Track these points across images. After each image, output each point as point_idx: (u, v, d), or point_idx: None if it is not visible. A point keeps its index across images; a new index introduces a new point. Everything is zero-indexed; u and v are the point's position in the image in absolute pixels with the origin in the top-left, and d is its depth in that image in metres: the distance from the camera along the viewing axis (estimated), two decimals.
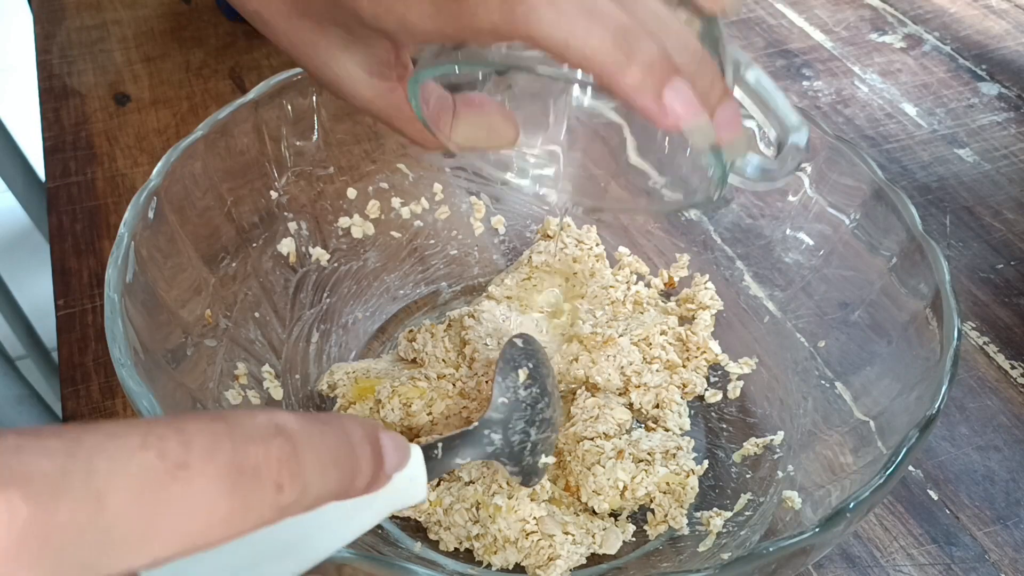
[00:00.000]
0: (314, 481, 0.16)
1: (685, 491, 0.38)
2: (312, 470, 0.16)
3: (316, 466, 0.17)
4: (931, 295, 0.36)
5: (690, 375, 0.43)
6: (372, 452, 0.18)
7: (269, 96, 0.43)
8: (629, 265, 0.48)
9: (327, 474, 0.17)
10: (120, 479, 0.14)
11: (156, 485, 0.14)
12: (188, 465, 0.14)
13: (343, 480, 0.17)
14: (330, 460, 0.17)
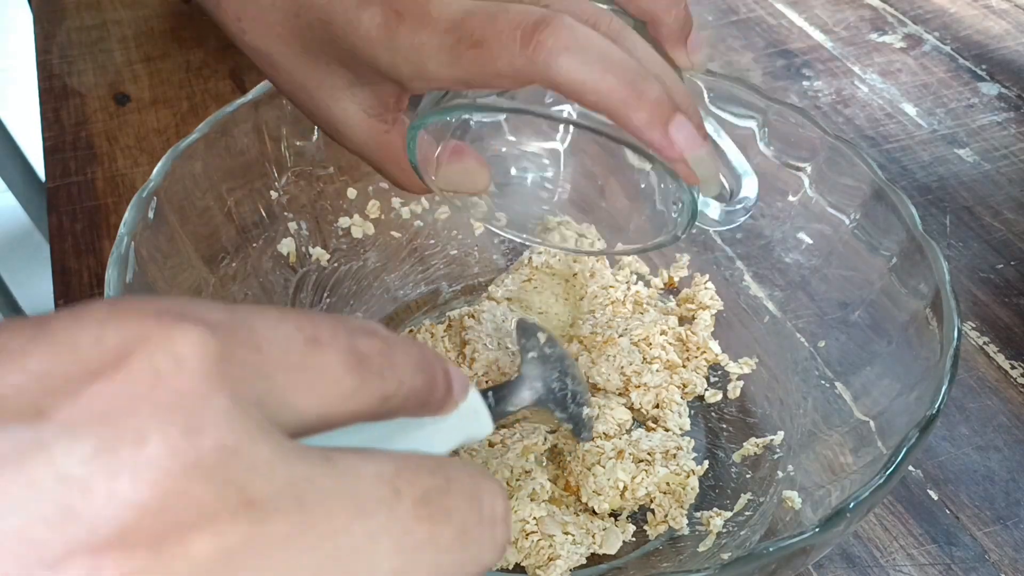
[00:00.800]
0: (406, 379, 0.18)
1: (685, 491, 0.39)
2: (404, 369, 0.17)
3: (407, 366, 0.18)
4: (931, 295, 0.36)
5: (690, 375, 0.44)
6: (443, 370, 0.19)
7: (269, 96, 0.43)
8: (629, 265, 0.48)
9: (415, 376, 0.18)
10: (271, 335, 0.15)
11: (297, 349, 0.15)
12: (318, 340, 0.16)
13: (426, 387, 0.18)
14: (415, 365, 0.18)
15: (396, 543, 0.15)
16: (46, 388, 0.13)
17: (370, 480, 0.15)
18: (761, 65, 0.66)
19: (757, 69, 0.65)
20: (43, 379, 0.13)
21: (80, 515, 0.12)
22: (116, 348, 0.13)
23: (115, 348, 0.13)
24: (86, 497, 0.12)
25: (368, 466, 0.15)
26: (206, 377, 0.14)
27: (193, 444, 0.13)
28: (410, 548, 0.15)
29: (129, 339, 0.14)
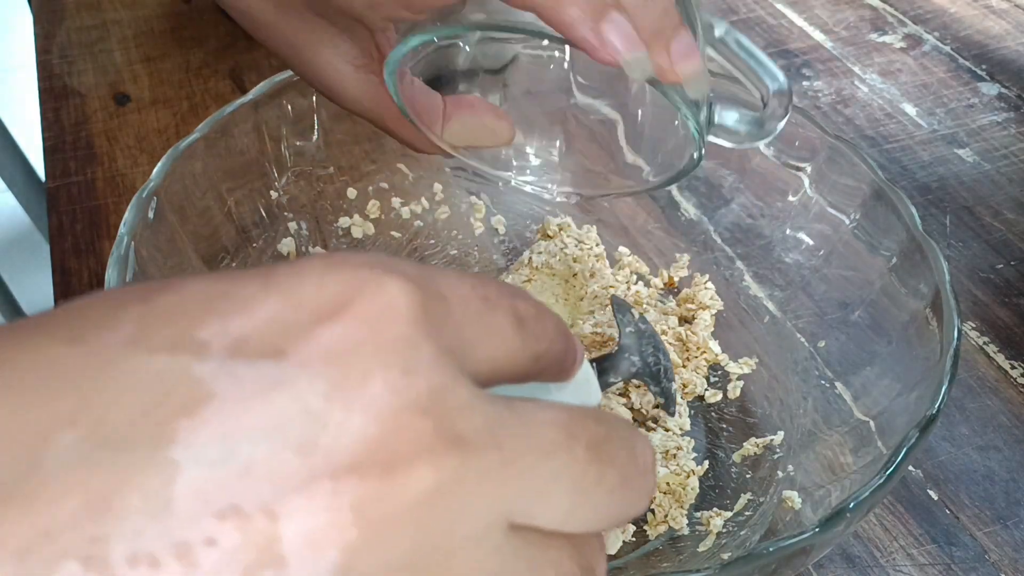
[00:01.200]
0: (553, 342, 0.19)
1: (685, 491, 0.39)
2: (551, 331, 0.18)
3: (553, 330, 0.19)
4: (931, 295, 0.36)
5: (690, 375, 0.44)
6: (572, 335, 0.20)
7: (269, 96, 0.43)
8: (629, 265, 0.48)
9: (558, 339, 0.19)
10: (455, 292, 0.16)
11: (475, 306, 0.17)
12: (489, 299, 0.17)
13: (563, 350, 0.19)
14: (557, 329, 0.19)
15: (572, 482, 0.16)
16: (280, 330, 0.14)
17: (549, 425, 0.16)
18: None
19: None
20: (276, 322, 0.14)
21: (320, 445, 0.14)
22: (336, 295, 0.15)
23: (335, 295, 0.15)
24: (325, 428, 0.14)
25: (545, 413, 0.16)
26: (414, 323, 0.15)
27: (410, 384, 0.14)
28: (583, 488, 0.16)
29: (347, 287, 0.15)
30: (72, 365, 0.13)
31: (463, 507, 0.15)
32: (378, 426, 0.14)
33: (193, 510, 0.13)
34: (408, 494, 0.14)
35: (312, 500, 0.13)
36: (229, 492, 0.13)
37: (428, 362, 0.15)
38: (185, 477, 0.13)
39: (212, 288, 0.15)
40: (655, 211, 0.50)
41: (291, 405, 0.14)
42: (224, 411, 0.14)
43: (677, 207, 0.49)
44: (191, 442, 0.13)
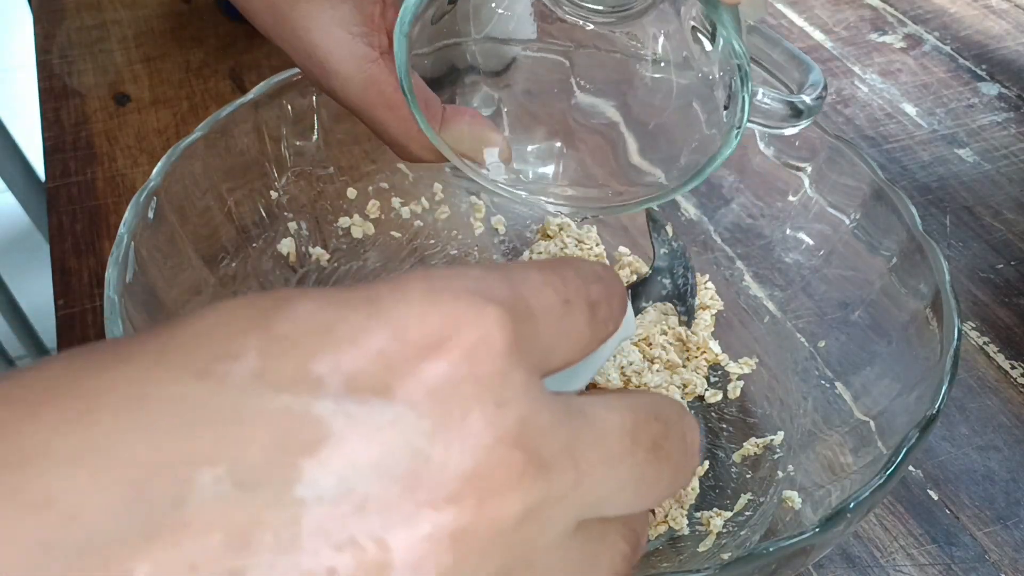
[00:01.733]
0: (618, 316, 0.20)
1: (686, 492, 0.38)
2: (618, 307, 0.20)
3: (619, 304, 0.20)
4: (931, 295, 0.36)
5: (690, 375, 0.44)
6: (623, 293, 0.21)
7: (269, 96, 0.43)
8: (629, 265, 0.48)
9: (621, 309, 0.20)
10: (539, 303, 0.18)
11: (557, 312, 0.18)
12: (570, 301, 0.18)
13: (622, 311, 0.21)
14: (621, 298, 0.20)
15: (635, 485, 0.18)
16: (387, 365, 0.15)
17: (616, 434, 0.18)
18: None
19: None
20: (384, 356, 0.16)
21: (423, 479, 0.15)
22: (438, 329, 0.16)
23: (437, 329, 0.16)
24: (428, 464, 0.15)
25: (612, 417, 0.18)
26: (507, 355, 0.16)
27: (502, 417, 0.16)
28: (642, 488, 0.18)
29: (447, 321, 0.16)
30: (205, 402, 0.15)
31: (544, 525, 0.16)
32: (474, 460, 0.15)
33: (316, 544, 0.14)
34: (500, 522, 0.16)
35: (416, 530, 0.15)
36: (346, 526, 0.15)
37: (518, 393, 0.16)
38: (309, 514, 0.14)
39: (323, 314, 0.16)
40: (655, 211, 0.50)
41: (399, 442, 0.15)
42: (341, 449, 0.15)
43: (677, 207, 0.49)
44: (313, 480, 0.15)
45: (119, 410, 0.14)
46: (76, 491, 0.14)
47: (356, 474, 0.15)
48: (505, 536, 0.16)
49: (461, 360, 0.16)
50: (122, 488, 0.14)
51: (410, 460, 0.15)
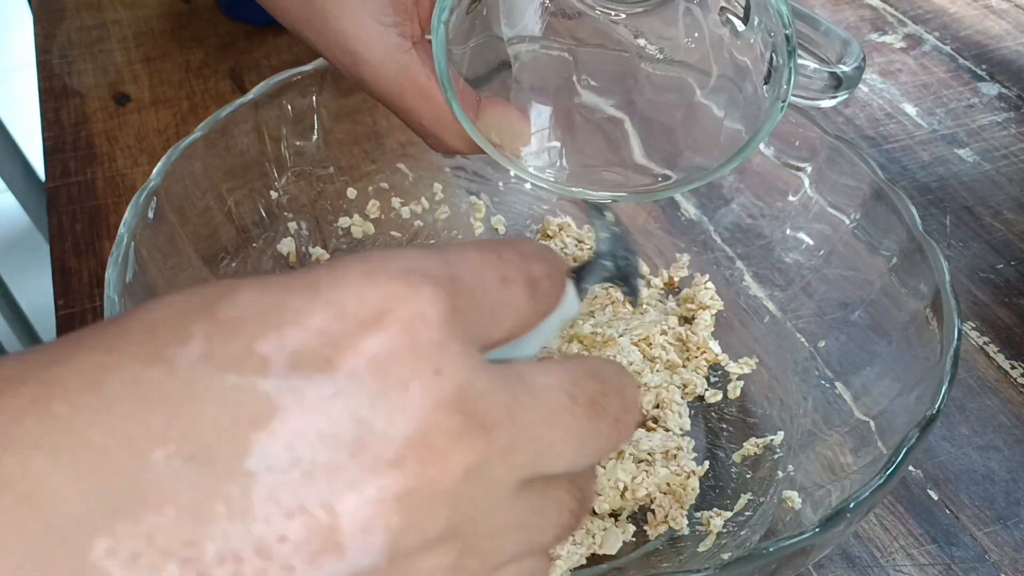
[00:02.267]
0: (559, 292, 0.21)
1: (686, 492, 0.38)
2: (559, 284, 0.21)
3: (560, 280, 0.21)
4: (931, 295, 0.36)
5: (690, 375, 0.43)
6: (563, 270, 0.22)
7: (269, 96, 0.43)
8: None
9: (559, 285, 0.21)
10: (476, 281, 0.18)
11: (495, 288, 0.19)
12: (508, 278, 0.19)
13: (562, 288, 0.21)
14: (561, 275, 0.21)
15: (574, 440, 0.19)
16: (329, 342, 0.16)
17: (553, 393, 0.19)
18: None
19: None
20: (325, 334, 0.16)
21: (368, 446, 0.16)
22: (376, 307, 0.17)
23: (375, 307, 0.17)
24: (372, 432, 0.16)
25: (549, 379, 0.19)
26: (443, 327, 0.17)
27: (441, 384, 0.16)
28: (582, 442, 0.19)
29: (384, 298, 0.17)
30: (156, 385, 0.15)
31: (488, 483, 0.17)
32: (415, 426, 0.16)
33: (268, 512, 0.15)
34: (443, 481, 0.16)
35: (362, 494, 0.16)
36: (296, 494, 0.15)
37: (455, 361, 0.17)
38: (261, 485, 0.15)
39: (265, 299, 0.17)
40: (655, 211, 0.50)
41: (343, 413, 0.16)
42: (288, 423, 0.16)
43: (677, 207, 0.49)
44: (263, 452, 0.15)
45: (75, 396, 0.15)
46: (35, 474, 0.14)
47: (303, 445, 0.16)
48: (450, 495, 0.16)
49: (399, 333, 0.17)
50: (79, 469, 0.14)
51: (354, 428, 0.16)
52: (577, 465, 0.19)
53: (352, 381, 0.16)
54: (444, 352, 0.17)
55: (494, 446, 0.17)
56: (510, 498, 0.18)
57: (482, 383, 0.17)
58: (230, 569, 0.15)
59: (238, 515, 0.15)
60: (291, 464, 0.16)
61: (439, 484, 0.16)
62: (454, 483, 0.17)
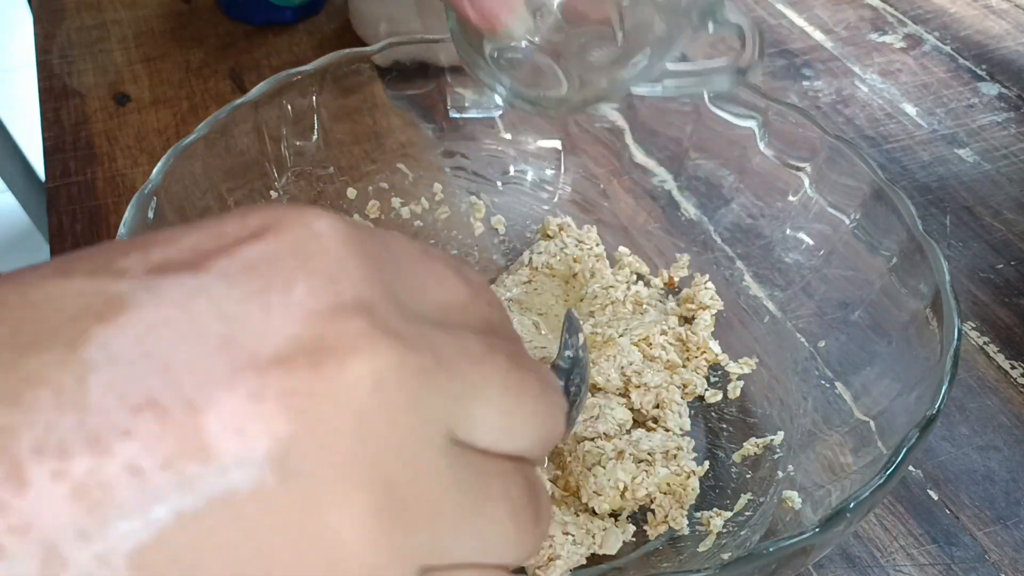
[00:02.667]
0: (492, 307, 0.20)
1: (686, 492, 0.38)
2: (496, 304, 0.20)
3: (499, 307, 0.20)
4: (931, 295, 0.36)
5: (690, 375, 0.43)
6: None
7: (269, 96, 0.43)
8: (629, 265, 0.48)
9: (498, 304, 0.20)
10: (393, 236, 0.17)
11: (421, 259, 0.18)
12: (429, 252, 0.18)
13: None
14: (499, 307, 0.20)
15: (501, 384, 0.17)
16: (202, 252, 0.14)
17: (472, 339, 0.17)
18: (761, 65, 0.65)
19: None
20: (197, 248, 0.15)
21: (240, 344, 0.14)
22: (259, 225, 0.15)
23: (258, 225, 0.15)
24: (244, 330, 0.14)
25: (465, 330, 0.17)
26: (343, 243, 0.15)
27: (336, 291, 0.14)
28: (511, 390, 0.17)
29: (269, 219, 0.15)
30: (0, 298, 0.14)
31: (405, 403, 0.15)
32: (302, 325, 0.14)
33: (106, 405, 0.13)
34: (343, 385, 0.14)
35: (235, 392, 0.13)
36: (146, 388, 0.13)
37: (356, 275, 0.15)
38: (99, 374, 0.13)
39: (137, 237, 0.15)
40: (655, 211, 0.50)
41: (207, 308, 0.14)
42: (139, 316, 0.14)
43: (677, 207, 0.49)
44: (104, 343, 0.13)
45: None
46: None
47: (156, 338, 0.14)
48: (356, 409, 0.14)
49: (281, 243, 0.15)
50: None
51: (223, 325, 0.14)
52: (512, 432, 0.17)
53: (222, 280, 0.14)
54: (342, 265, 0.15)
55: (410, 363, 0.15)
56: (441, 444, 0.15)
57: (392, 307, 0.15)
58: (52, 465, 0.13)
59: (69, 406, 0.13)
60: (140, 357, 0.13)
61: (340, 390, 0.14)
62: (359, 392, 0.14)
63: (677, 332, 0.45)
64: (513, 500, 0.17)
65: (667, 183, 0.49)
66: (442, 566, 0.16)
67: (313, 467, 0.14)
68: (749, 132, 0.45)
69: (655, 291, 0.48)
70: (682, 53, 0.33)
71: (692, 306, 0.46)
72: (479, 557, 0.17)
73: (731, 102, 0.45)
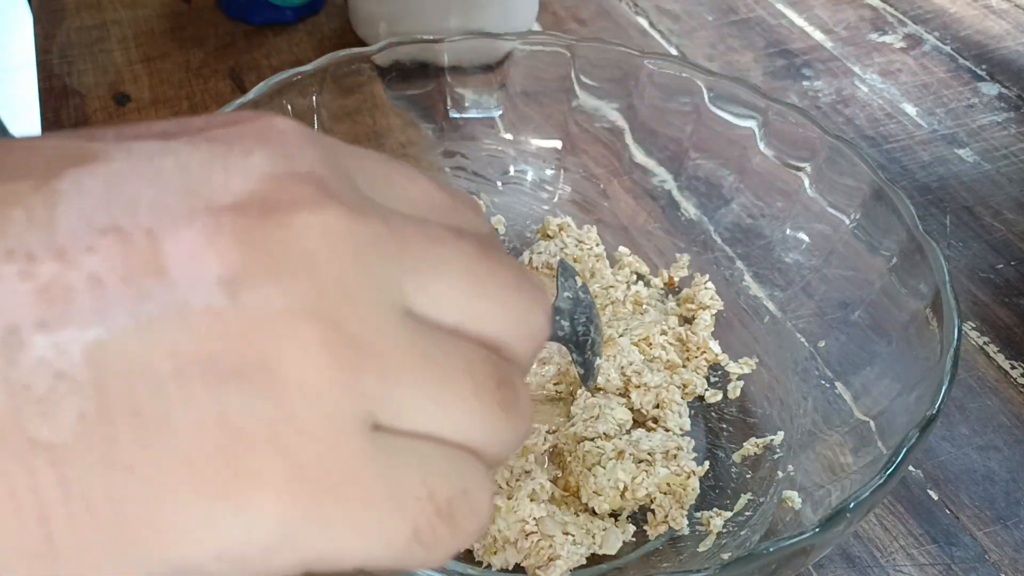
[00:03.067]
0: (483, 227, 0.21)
1: (686, 492, 0.38)
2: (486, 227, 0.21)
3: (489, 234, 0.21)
4: (931, 295, 0.36)
5: (690, 375, 0.43)
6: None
7: (269, 96, 0.43)
8: (629, 265, 0.48)
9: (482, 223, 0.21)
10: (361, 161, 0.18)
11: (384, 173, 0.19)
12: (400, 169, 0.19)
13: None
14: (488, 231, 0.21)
15: (464, 268, 0.17)
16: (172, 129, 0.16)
17: (437, 226, 0.17)
18: (761, 65, 0.66)
19: (757, 69, 0.65)
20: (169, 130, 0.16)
21: (200, 193, 0.15)
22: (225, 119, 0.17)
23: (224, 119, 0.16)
24: (204, 183, 0.15)
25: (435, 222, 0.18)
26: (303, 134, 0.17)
27: (293, 163, 0.16)
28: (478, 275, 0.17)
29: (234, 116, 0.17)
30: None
31: (357, 261, 0.15)
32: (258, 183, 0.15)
33: (74, 226, 0.14)
34: (293, 230, 0.15)
35: (191, 226, 0.15)
36: (111, 216, 0.15)
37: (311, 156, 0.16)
38: (69, 202, 0.15)
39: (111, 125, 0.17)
40: (655, 211, 0.50)
41: (172, 164, 0.15)
42: (110, 165, 0.15)
43: (677, 207, 0.49)
44: (76, 180, 0.15)
45: None
46: None
47: (124, 181, 0.15)
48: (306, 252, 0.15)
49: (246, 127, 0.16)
50: None
51: (183, 176, 0.15)
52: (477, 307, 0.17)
53: (189, 144, 0.16)
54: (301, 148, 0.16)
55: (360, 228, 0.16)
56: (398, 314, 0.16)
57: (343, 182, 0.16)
58: (20, 266, 0.14)
59: (39, 224, 0.14)
60: (108, 192, 0.15)
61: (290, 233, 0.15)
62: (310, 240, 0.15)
63: (677, 332, 0.45)
64: (477, 379, 0.17)
65: (667, 183, 0.49)
66: (398, 429, 0.16)
67: (262, 296, 0.15)
68: (749, 132, 0.45)
69: (655, 291, 0.48)
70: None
71: (692, 306, 0.46)
72: (439, 429, 0.16)
73: (731, 102, 0.45)
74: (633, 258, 0.49)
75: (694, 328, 0.45)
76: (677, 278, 0.48)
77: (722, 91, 0.45)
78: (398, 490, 0.16)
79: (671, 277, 0.48)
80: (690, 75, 0.46)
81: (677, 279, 0.48)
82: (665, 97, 0.47)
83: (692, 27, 0.69)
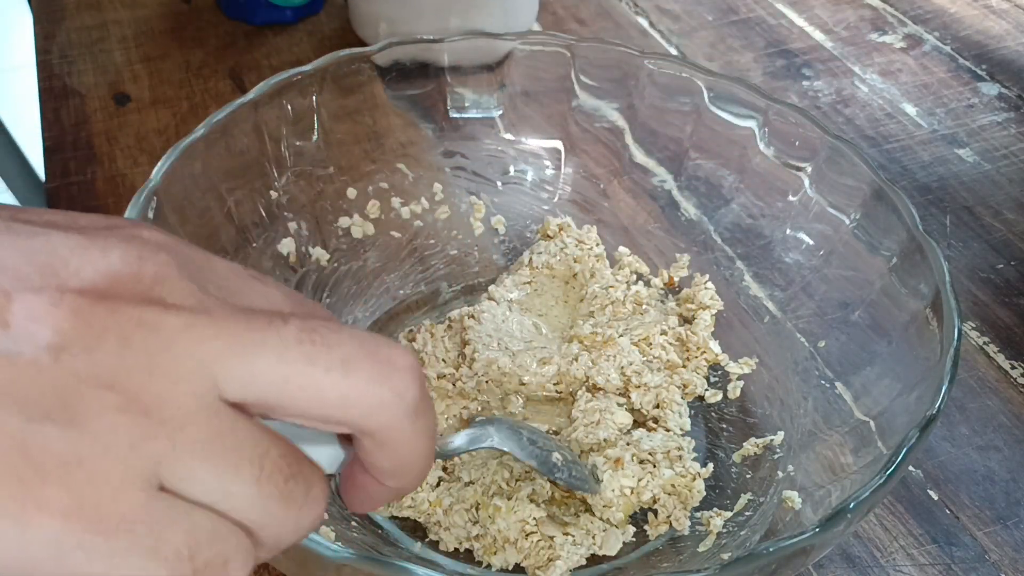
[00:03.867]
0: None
1: (691, 493, 0.38)
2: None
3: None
4: (931, 295, 0.36)
5: (690, 375, 0.43)
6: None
7: (269, 96, 0.43)
8: (629, 265, 0.48)
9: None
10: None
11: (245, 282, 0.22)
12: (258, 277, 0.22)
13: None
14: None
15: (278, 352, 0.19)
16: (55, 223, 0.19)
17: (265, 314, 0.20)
18: (761, 65, 0.66)
19: (757, 69, 0.65)
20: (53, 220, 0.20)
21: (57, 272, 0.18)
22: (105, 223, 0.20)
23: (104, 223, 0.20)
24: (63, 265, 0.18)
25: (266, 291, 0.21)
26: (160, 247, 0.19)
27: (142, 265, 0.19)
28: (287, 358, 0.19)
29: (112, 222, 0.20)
30: None
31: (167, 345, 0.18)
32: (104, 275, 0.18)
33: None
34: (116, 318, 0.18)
35: (39, 296, 0.18)
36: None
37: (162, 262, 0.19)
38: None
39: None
40: (655, 211, 0.50)
41: (43, 246, 0.18)
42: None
43: (677, 207, 0.49)
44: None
45: None
46: None
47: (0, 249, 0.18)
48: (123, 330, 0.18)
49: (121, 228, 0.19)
50: None
51: (48, 256, 0.18)
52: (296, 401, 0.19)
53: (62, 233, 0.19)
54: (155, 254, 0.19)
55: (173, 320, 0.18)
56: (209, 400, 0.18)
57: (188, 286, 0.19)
58: None
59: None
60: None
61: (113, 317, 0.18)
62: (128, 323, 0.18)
63: (677, 332, 0.45)
64: (265, 470, 0.19)
65: (667, 183, 0.49)
66: (181, 494, 0.18)
67: (79, 363, 0.18)
68: (749, 132, 0.45)
69: (655, 291, 0.48)
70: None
71: (692, 306, 0.46)
72: (218, 503, 0.19)
73: (731, 102, 0.45)
74: (633, 258, 0.49)
75: (694, 328, 0.45)
76: (677, 278, 0.48)
77: (722, 91, 0.45)
78: (162, 543, 0.18)
79: (671, 277, 0.48)
80: (690, 75, 0.46)
81: (677, 279, 0.48)
82: (665, 97, 0.47)
83: (692, 27, 0.69)
